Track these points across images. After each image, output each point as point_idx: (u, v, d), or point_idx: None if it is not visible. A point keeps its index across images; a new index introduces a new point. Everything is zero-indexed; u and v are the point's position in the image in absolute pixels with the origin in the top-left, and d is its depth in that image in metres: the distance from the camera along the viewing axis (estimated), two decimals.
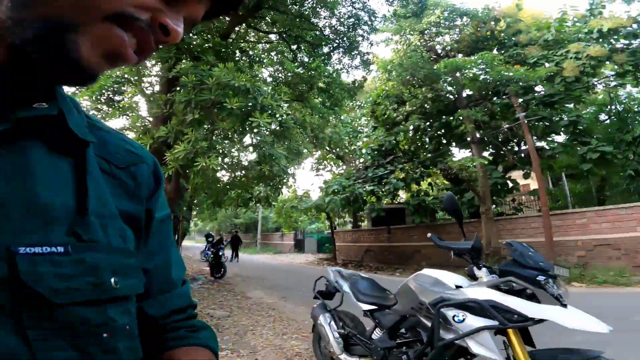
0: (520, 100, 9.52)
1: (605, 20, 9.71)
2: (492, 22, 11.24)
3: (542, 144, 10.80)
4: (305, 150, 9.16)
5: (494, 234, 9.97)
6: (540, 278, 1.59)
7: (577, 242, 9.09)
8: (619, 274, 7.43)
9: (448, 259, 2.08)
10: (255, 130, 5.70)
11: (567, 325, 1.47)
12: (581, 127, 10.15)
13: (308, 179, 67.77)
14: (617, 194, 10.78)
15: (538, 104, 9.86)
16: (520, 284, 1.62)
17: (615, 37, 10.13)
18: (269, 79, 8.64)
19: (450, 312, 1.73)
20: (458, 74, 10.33)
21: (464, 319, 1.68)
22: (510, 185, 11.45)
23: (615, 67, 9.82)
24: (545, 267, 1.64)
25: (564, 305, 1.57)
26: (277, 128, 5.93)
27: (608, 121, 11.45)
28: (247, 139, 6.49)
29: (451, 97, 11.09)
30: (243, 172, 6.79)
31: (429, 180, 13.00)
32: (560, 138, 10.92)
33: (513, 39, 10.96)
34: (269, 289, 7.97)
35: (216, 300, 6.43)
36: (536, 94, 10.13)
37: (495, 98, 10.57)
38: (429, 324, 1.85)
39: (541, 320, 1.56)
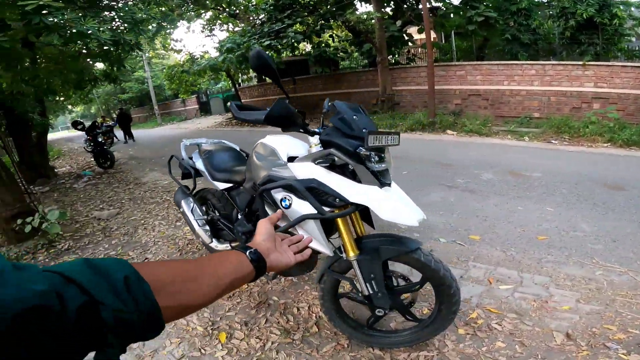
0: None
1: None
2: None
3: (439, 4, 11.34)
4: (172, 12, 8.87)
5: (388, 82, 10.97)
6: (362, 150, 1.32)
7: (455, 91, 10.23)
8: (483, 124, 8.47)
9: (349, 99, 1.41)
10: None
11: (381, 216, 1.31)
12: None
13: (201, 42, 62.39)
14: (493, 52, 11.89)
15: None
16: (341, 158, 1.35)
17: None
18: None
19: (278, 195, 1.50)
20: None
21: (290, 204, 1.45)
22: (406, 38, 12.21)
23: None
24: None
25: (383, 185, 1.37)
26: None
27: None
28: None
29: None
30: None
31: (330, 32, 13.15)
32: (456, 1, 11.47)
33: None
34: (167, 167, 7.36)
35: (105, 196, 5.58)
36: None
37: None
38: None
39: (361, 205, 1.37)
